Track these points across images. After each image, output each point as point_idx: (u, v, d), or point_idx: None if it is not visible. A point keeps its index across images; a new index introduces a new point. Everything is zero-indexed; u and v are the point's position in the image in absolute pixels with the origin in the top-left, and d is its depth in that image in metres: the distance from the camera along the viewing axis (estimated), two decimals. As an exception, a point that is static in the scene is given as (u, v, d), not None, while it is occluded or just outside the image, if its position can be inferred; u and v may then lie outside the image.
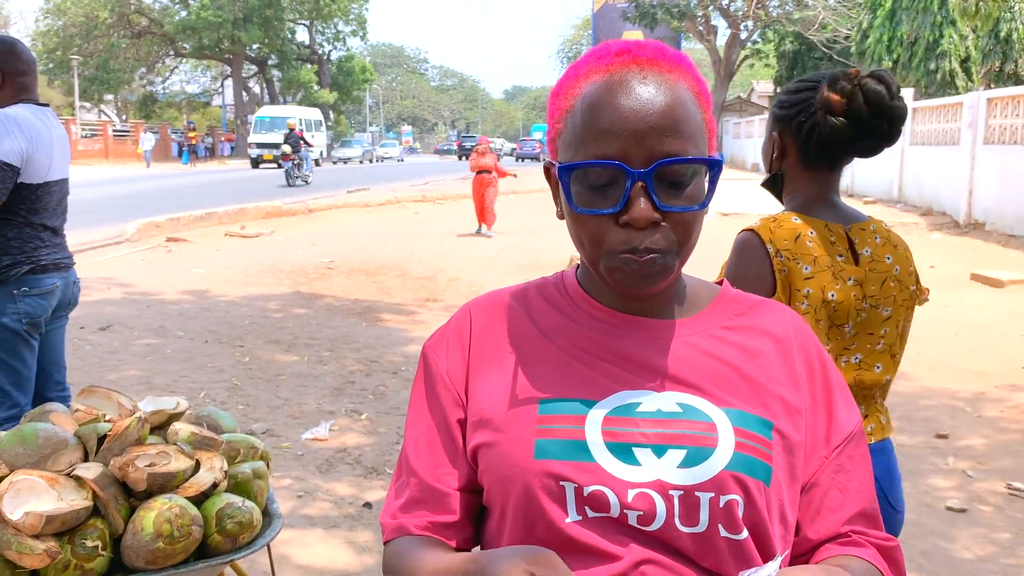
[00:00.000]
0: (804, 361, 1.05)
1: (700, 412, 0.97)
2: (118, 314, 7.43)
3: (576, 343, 1.03)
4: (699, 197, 0.94)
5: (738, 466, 0.94)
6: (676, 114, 0.92)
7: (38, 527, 1.59)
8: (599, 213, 0.94)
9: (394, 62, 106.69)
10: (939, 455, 4.44)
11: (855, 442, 1.05)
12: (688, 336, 1.03)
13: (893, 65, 23.04)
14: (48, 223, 3.14)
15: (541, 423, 0.97)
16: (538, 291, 1.10)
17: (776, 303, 1.10)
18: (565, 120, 0.98)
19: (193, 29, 43.90)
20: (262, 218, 15.70)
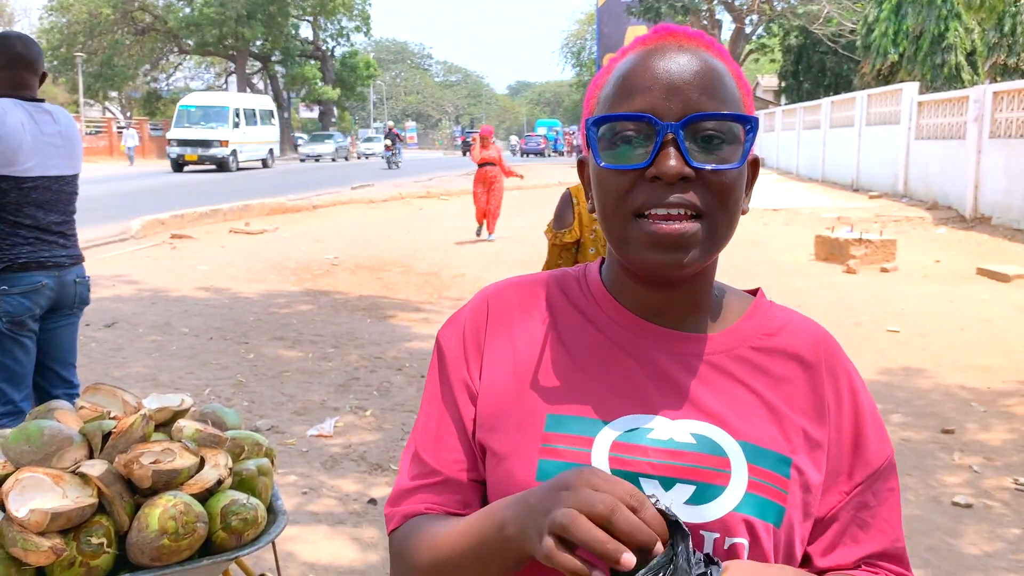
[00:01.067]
0: (833, 389, 0.97)
1: (715, 445, 0.90)
2: (123, 311, 7.44)
3: (593, 350, 0.96)
4: (734, 159, 0.87)
5: (748, 508, 0.88)
6: (713, 78, 0.88)
7: (43, 524, 1.59)
8: (626, 168, 0.87)
9: (398, 58, 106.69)
10: (945, 450, 4.43)
11: (883, 477, 0.98)
12: (713, 355, 0.95)
13: (899, 59, 22.99)
14: (28, 221, 3.07)
15: (547, 441, 0.91)
16: (558, 284, 1.02)
17: (810, 321, 1.02)
18: (598, 95, 0.94)
19: (197, 25, 43.89)
20: (266, 215, 15.70)
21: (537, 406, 0.93)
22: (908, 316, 7.47)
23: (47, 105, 3.19)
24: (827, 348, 0.99)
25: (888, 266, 9.86)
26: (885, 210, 15.40)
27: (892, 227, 13.06)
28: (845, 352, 1.01)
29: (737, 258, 10.67)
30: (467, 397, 0.99)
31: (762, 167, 7.79)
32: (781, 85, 37.23)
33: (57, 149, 3.15)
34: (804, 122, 25.93)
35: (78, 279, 3.29)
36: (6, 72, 3.09)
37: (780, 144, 29.00)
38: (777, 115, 30.13)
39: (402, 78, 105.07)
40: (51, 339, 3.26)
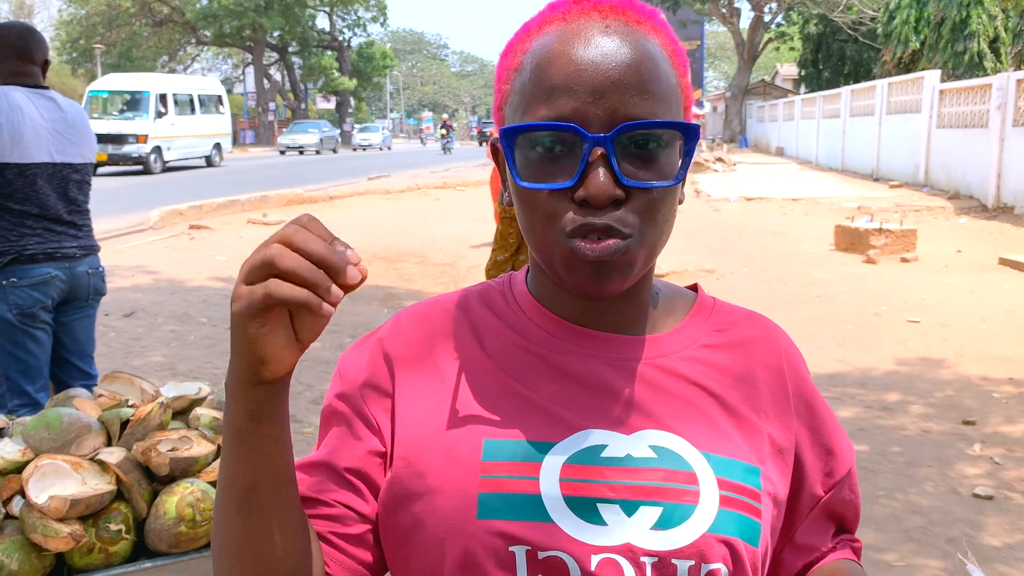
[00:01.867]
0: (795, 387, 0.89)
1: (678, 458, 0.80)
2: (142, 301, 7.50)
3: (527, 366, 0.84)
4: (671, 172, 0.77)
5: (724, 527, 0.78)
6: (645, 70, 0.76)
7: (63, 511, 1.60)
8: (549, 188, 0.76)
9: (414, 48, 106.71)
10: (966, 442, 4.39)
11: (848, 484, 0.93)
12: (663, 358, 0.85)
13: (920, 46, 22.74)
14: (35, 211, 3.04)
15: (486, 472, 0.78)
16: (481, 299, 0.90)
17: (758, 314, 0.94)
18: (512, 81, 0.81)
19: (214, 17, 44.06)
20: (284, 205, 15.77)
21: (471, 434, 0.81)
22: (929, 306, 7.40)
23: (51, 93, 3.16)
24: (786, 344, 0.92)
25: (909, 256, 9.77)
26: (906, 199, 15.26)
27: (913, 217, 12.94)
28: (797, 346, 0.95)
29: (755, 248, 10.61)
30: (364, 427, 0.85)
31: (781, 156, 7.66)
32: (800, 74, 36.92)
33: (62, 136, 3.11)
34: (824, 111, 25.71)
35: (91, 270, 3.25)
36: (5, 60, 3.07)
37: (799, 133, 28.77)
38: (796, 104, 29.89)
39: (418, 68, 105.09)
40: (68, 331, 3.24)
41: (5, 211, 2.99)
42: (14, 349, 3.04)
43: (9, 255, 2.99)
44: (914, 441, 4.37)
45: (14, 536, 1.63)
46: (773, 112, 34.83)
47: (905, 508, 3.61)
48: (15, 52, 3.06)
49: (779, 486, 0.85)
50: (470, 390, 0.83)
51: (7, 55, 3.06)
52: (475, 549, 0.77)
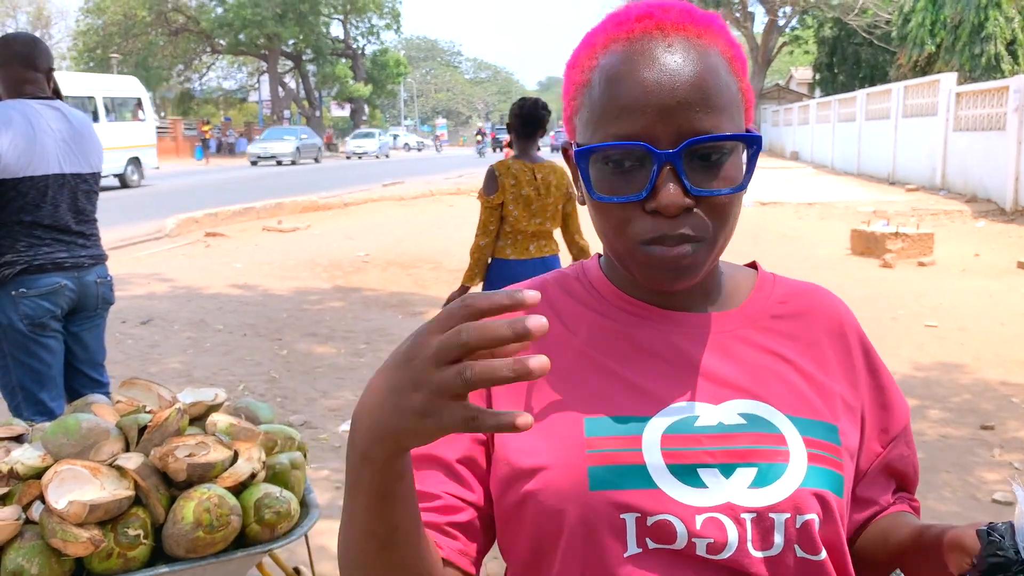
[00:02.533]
0: (857, 352, 0.96)
1: (766, 423, 0.87)
2: (159, 308, 7.54)
3: (615, 345, 0.91)
4: (736, 178, 0.84)
5: (814, 481, 0.85)
6: (707, 85, 0.81)
7: (82, 516, 1.61)
8: (622, 201, 0.83)
9: (428, 55, 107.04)
10: (985, 447, 4.35)
11: (904, 439, 0.99)
12: (737, 330, 0.92)
13: (936, 49, 22.60)
14: (43, 221, 3.04)
15: (591, 447, 0.85)
16: (558, 285, 0.97)
17: (818, 286, 1.01)
18: (582, 96, 0.87)
19: (229, 25, 44.38)
20: (299, 212, 15.84)
21: (571, 413, 0.87)
22: (946, 311, 7.34)
23: (57, 103, 3.16)
24: (844, 311, 0.99)
25: (926, 260, 9.70)
26: (922, 203, 15.16)
27: (929, 220, 12.85)
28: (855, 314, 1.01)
29: (770, 253, 10.56)
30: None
31: (796, 160, 7.71)
32: (815, 77, 36.78)
33: (70, 146, 3.12)
34: (839, 115, 25.60)
35: (99, 279, 3.25)
36: (7, 70, 3.08)
37: (814, 137, 28.65)
38: (811, 108, 29.77)
39: (432, 75, 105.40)
40: (77, 341, 3.24)
41: (16, 223, 3.00)
42: (27, 359, 3.04)
43: (19, 265, 2.99)
44: (932, 446, 4.33)
45: (34, 541, 1.65)
46: (788, 116, 34.70)
47: (924, 514, 3.56)
48: (20, 61, 3.08)
49: (852, 441, 0.92)
50: (564, 371, 0.90)
51: (13, 64, 3.07)
52: (590, 518, 0.83)
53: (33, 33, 3.86)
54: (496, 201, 4.06)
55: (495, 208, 4.08)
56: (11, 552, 1.64)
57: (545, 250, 4.14)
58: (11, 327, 3.01)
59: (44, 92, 3.14)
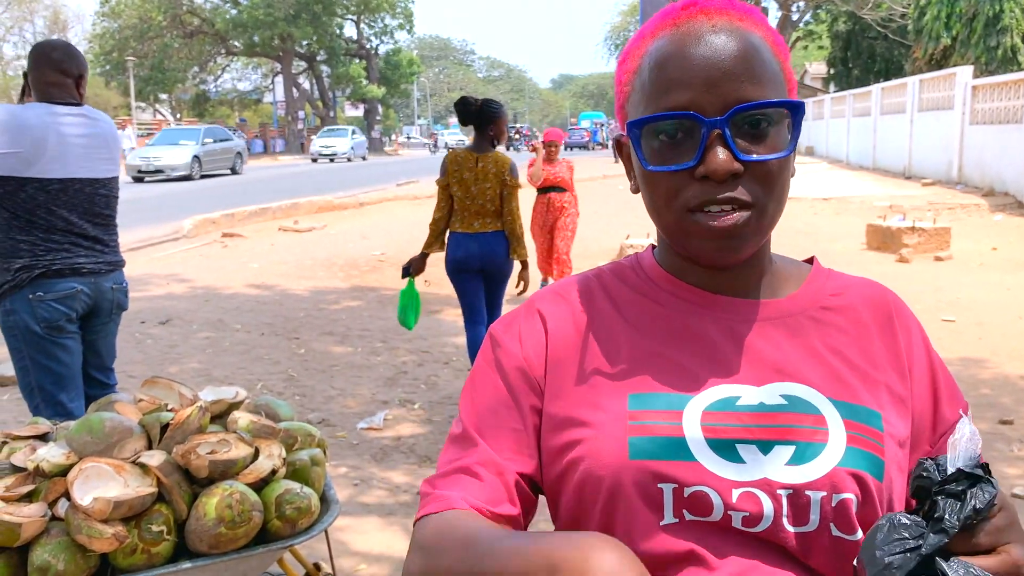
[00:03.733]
0: (907, 344, 0.97)
1: (807, 404, 0.89)
2: (177, 308, 7.60)
3: (663, 328, 0.94)
4: (782, 145, 0.87)
5: (852, 462, 0.86)
6: (751, 59, 0.86)
7: (106, 512, 1.64)
8: (673, 169, 0.86)
9: (441, 55, 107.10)
10: (1004, 441, 4.33)
11: None
12: (785, 318, 0.95)
13: (952, 42, 22.41)
14: (62, 225, 3.06)
15: (633, 419, 0.88)
16: (614, 274, 1.02)
17: (871, 281, 1.03)
18: (632, 82, 0.92)
19: (244, 27, 44.56)
20: (314, 212, 15.91)
21: (616, 389, 0.91)
22: (964, 305, 7.30)
23: (85, 108, 3.19)
24: (896, 304, 1.00)
25: (942, 254, 9.64)
26: (939, 197, 15.05)
27: (946, 215, 12.76)
28: (910, 308, 1.02)
29: (787, 248, 10.43)
30: (530, 391, 0.95)
31: (811, 155, 7.73)
32: (830, 72, 36.55)
33: (89, 151, 3.13)
34: (854, 109, 25.43)
35: (115, 286, 3.26)
36: (38, 74, 3.13)
37: (829, 132, 28.49)
38: (826, 102, 29.59)
39: (445, 75, 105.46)
40: (89, 346, 3.26)
41: (32, 226, 3.01)
42: (46, 360, 3.07)
43: (37, 269, 3.01)
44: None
45: (60, 537, 1.68)
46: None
47: (942, 509, 3.57)
48: (51, 65, 3.11)
49: (900, 430, 0.93)
50: (613, 352, 0.94)
51: (43, 68, 3.11)
52: (627, 485, 0.86)
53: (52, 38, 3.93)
54: (443, 183, 4.88)
55: (444, 189, 4.90)
56: (38, 548, 1.67)
57: (488, 226, 4.84)
58: (28, 330, 3.03)
59: (72, 97, 3.16)
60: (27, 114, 3.01)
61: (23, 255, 3.01)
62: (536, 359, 0.96)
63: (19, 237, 3.00)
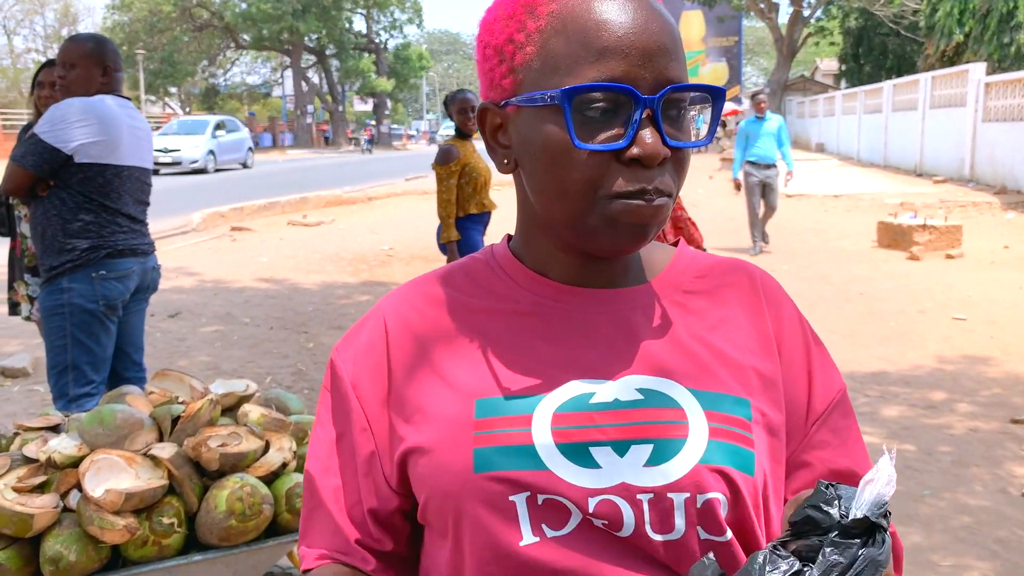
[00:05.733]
0: (776, 322, 0.90)
1: (665, 397, 0.81)
2: (186, 302, 7.62)
3: (514, 328, 0.86)
4: (703, 132, 0.83)
5: (716, 457, 0.79)
6: (676, 36, 0.80)
7: (118, 504, 1.64)
8: (606, 149, 0.77)
9: (450, 49, 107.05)
10: (1016, 441, 4.30)
11: (839, 411, 0.90)
12: (644, 306, 0.87)
13: (965, 38, 22.27)
14: (124, 210, 3.26)
15: (479, 428, 0.80)
16: (463, 272, 0.93)
17: (738, 260, 0.95)
18: (537, 41, 0.80)
19: (253, 20, 44.60)
20: (323, 207, 15.93)
21: (462, 397, 0.83)
22: (975, 303, 7.26)
23: (126, 101, 3.37)
24: (763, 282, 0.93)
25: (954, 252, 9.59)
26: (950, 195, 14.98)
27: (958, 212, 12.69)
28: (782, 286, 0.95)
29: (797, 246, 10.50)
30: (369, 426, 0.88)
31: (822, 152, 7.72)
32: (841, 68, 36.40)
33: (140, 141, 3.35)
34: (865, 106, 25.31)
35: (154, 267, 3.49)
36: (120, 74, 3.33)
37: (840, 129, 28.37)
38: (837, 99, 29.46)
39: (454, 69, 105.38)
40: (126, 322, 3.43)
41: (103, 209, 3.20)
42: (87, 340, 3.21)
43: (104, 249, 3.20)
44: (961, 440, 4.30)
45: (72, 528, 1.68)
46: (813, 108, 34.36)
47: (952, 508, 3.56)
48: (111, 59, 3.30)
49: (773, 416, 0.85)
50: (459, 355, 0.86)
51: (107, 61, 3.28)
52: (476, 504, 0.79)
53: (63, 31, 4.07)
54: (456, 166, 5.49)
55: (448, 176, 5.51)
56: (50, 539, 1.68)
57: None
58: (82, 308, 3.17)
59: (117, 90, 3.34)
60: (104, 105, 3.19)
61: (91, 236, 3.18)
62: (376, 383, 0.88)
63: (88, 219, 3.17)
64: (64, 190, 3.15)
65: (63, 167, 3.12)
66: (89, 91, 3.22)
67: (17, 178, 3.12)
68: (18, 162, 3.10)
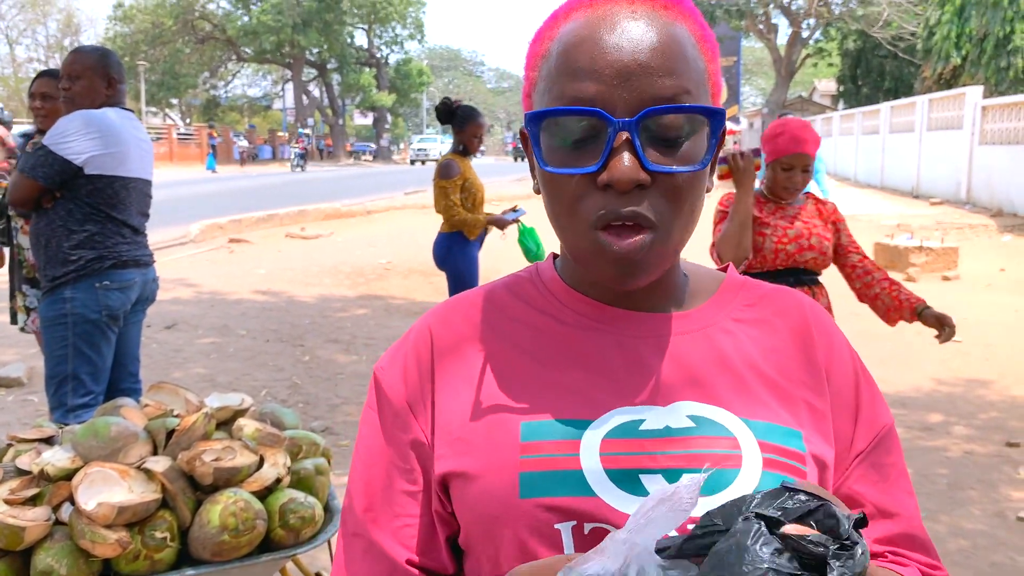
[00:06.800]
0: (827, 356, 0.88)
1: (718, 426, 0.79)
2: (183, 313, 7.61)
3: (562, 349, 0.84)
4: (696, 157, 0.76)
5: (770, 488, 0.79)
6: (672, 53, 0.75)
7: (110, 518, 1.64)
8: (572, 172, 0.76)
9: (451, 65, 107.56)
10: (1011, 464, 4.30)
11: (884, 448, 0.88)
12: (694, 332, 0.85)
13: (962, 62, 22.41)
14: (129, 221, 3.30)
15: (525, 452, 0.78)
16: (508, 290, 0.91)
17: (789, 289, 0.93)
18: (539, 68, 0.81)
19: (255, 34, 44.81)
20: (321, 219, 15.94)
21: (508, 419, 0.81)
22: (971, 326, 7.26)
23: (130, 113, 3.41)
24: (814, 314, 0.91)
25: (950, 274, 9.61)
26: (947, 217, 15.02)
27: (954, 234, 12.72)
28: (833, 319, 0.93)
29: (793, 265, 10.50)
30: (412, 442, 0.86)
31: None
32: (839, 90, 36.59)
33: (145, 154, 3.39)
34: (863, 127, 25.43)
35: (153, 278, 3.52)
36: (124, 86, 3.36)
37: (838, 149, 28.48)
38: (835, 120, 29.60)
39: (455, 85, 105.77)
40: (124, 334, 3.44)
41: (109, 220, 3.23)
42: (89, 350, 3.22)
43: (109, 260, 3.23)
44: (957, 463, 4.29)
45: (63, 542, 1.67)
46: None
47: (948, 531, 3.54)
48: (116, 72, 3.33)
49: (823, 449, 0.84)
50: (503, 377, 0.84)
51: (112, 74, 3.31)
52: (520, 529, 0.77)
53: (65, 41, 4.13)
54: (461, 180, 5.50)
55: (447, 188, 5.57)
56: (41, 552, 1.67)
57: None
58: (84, 318, 3.19)
59: (121, 102, 3.37)
60: (107, 118, 3.22)
61: (96, 246, 3.21)
62: (421, 401, 0.86)
63: (93, 229, 3.20)
64: (72, 201, 3.18)
65: (72, 178, 3.15)
66: (94, 103, 3.24)
67: (25, 189, 3.14)
68: (27, 174, 3.12)
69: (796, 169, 3.19)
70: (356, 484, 0.89)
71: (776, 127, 3.26)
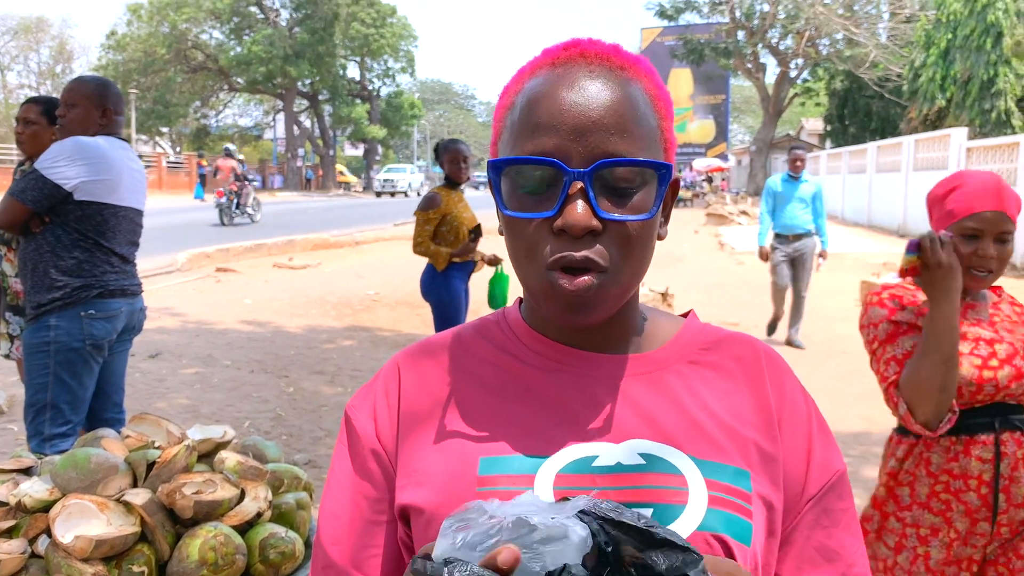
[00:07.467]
0: (778, 399, 0.92)
1: (666, 463, 0.84)
2: (168, 342, 7.56)
3: (522, 387, 0.90)
4: (646, 207, 0.83)
5: (714, 524, 0.81)
6: (624, 111, 0.82)
7: (87, 551, 1.61)
8: (530, 217, 0.82)
9: (442, 98, 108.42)
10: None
11: (835, 494, 0.92)
12: (649, 373, 0.90)
13: (947, 103, 22.77)
14: (117, 250, 3.29)
15: (482, 484, 0.83)
16: (476, 331, 0.97)
17: (745, 335, 0.98)
18: (504, 119, 0.89)
19: (247, 64, 45.06)
20: (310, 250, 15.93)
21: (467, 454, 0.86)
22: (956, 365, 7.29)
23: (124, 143, 3.42)
24: (768, 360, 0.95)
25: (935, 313, 9.65)
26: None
27: (939, 274, 12.81)
28: (788, 364, 0.97)
29: (779, 302, 10.53)
30: (386, 478, 0.91)
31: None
32: (826, 129, 37.05)
33: (137, 184, 3.39)
34: (849, 166, 25.72)
35: (141, 308, 3.51)
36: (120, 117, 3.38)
37: (825, 188, 28.79)
38: (822, 159, 29.93)
39: (446, 118, 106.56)
40: (109, 363, 3.42)
41: (98, 248, 3.23)
42: (70, 379, 3.19)
43: (96, 288, 3.22)
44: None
45: (38, 576, 1.64)
46: (798, 166, 34.82)
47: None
48: (112, 102, 3.35)
49: (770, 492, 0.87)
50: (465, 412, 0.89)
51: (108, 104, 3.33)
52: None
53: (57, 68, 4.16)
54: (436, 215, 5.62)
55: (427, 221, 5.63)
56: (15, 586, 1.64)
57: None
58: (67, 346, 3.17)
59: (116, 133, 3.38)
60: (104, 146, 3.23)
61: (84, 275, 3.20)
62: (388, 436, 0.91)
63: (81, 257, 3.19)
64: (60, 227, 3.17)
65: (61, 204, 3.14)
66: (86, 131, 3.26)
67: (14, 212, 3.14)
68: (16, 197, 3.12)
69: (987, 237, 1.99)
70: (327, 519, 0.93)
71: (953, 179, 2.12)
